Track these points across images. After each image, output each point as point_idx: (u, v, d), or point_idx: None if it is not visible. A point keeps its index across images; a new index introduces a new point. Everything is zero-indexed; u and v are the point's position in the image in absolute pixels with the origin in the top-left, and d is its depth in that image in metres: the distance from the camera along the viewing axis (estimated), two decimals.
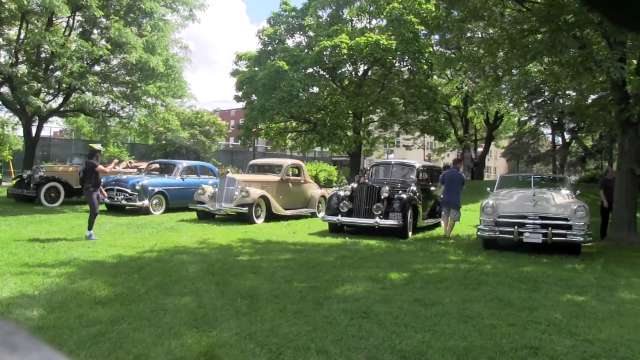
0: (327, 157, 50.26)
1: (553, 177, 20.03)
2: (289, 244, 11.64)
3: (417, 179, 14.87)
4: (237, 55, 33.71)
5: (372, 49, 27.43)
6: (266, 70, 29.04)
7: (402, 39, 28.21)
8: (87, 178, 11.37)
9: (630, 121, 13.12)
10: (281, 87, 28.22)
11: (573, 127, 34.97)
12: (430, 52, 29.49)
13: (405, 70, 31.92)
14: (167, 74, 21.97)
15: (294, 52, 30.29)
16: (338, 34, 29.07)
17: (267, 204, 15.94)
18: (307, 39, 32.97)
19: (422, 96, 29.60)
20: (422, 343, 4.97)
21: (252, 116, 30.07)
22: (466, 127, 40.69)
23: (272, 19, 33.34)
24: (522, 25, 13.75)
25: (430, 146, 56.96)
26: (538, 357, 4.71)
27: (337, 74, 31.24)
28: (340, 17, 33.35)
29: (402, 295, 6.87)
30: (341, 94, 30.03)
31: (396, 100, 30.69)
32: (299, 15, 33.02)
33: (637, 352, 4.96)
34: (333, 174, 34.71)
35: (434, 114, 31.08)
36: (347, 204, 13.70)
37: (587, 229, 10.89)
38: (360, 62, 30.35)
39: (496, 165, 77.34)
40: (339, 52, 27.86)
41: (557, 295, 7.29)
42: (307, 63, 29.19)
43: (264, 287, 7.14)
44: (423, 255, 10.73)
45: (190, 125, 42.10)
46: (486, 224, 11.39)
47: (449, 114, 39.15)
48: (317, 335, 5.12)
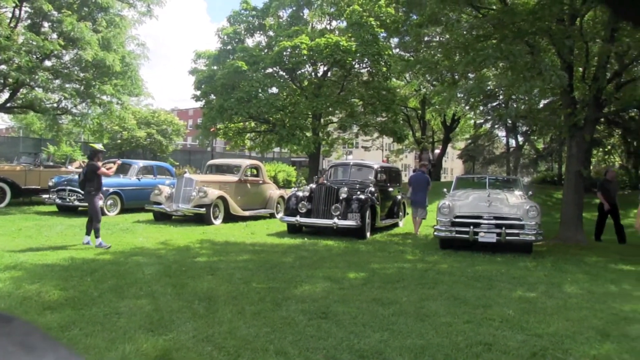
0: (286, 157, 50.22)
1: (507, 179, 20.41)
2: (247, 244, 11.60)
3: (376, 180, 14.99)
4: (196, 54, 33.39)
5: (332, 50, 27.55)
6: (225, 69, 28.88)
7: (361, 41, 28.40)
8: (89, 181, 10.59)
9: (578, 125, 13.51)
10: (240, 87, 28.11)
11: (526, 130, 35.74)
12: (389, 54, 29.80)
13: (364, 72, 32.16)
14: (124, 71, 21.54)
15: (254, 52, 30.20)
16: (298, 34, 29.10)
17: (225, 205, 15.83)
18: (267, 39, 32.91)
19: (381, 98, 29.86)
20: (380, 342, 5.02)
21: (211, 116, 29.86)
22: (424, 129, 41.18)
23: (232, 18, 33.15)
24: (478, 31, 14.00)
25: (389, 147, 57.41)
26: (492, 353, 4.82)
27: (296, 75, 31.27)
28: (301, 18, 33.41)
29: (361, 295, 6.92)
30: (300, 94, 30.07)
31: (355, 102, 30.89)
32: (260, 15, 32.95)
33: (579, 344, 5.17)
34: (292, 174, 34.72)
35: (392, 115, 31.40)
36: (306, 205, 13.72)
37: (539, 228, 11.19)
38: (320, 63, 30.45)
39: (453, 167, 78.40)
40: (298, 53, 27.89)
41: (510, 292, 7.48)
42: (266, 63, 29.13)
43: (221, 288, 7.09)
44: (381, 255, 10.83)
45: (147, 124, 41.41)
46: (443, 224, 11.57)
47: (407, 116, 39.57)
48: (276, 336, 5.12)
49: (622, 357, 4.88)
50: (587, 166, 15.29)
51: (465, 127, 44.53)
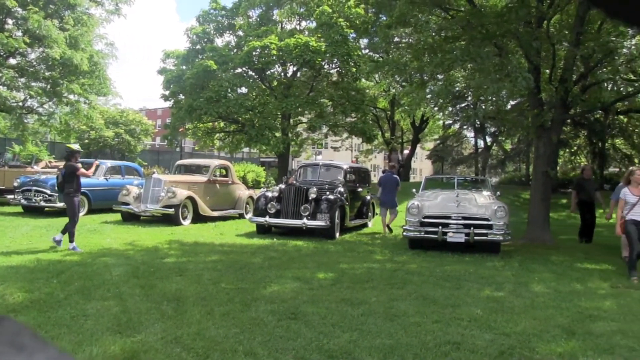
0: (255, 158, 50.04)
1: (475, 179, 20.69)
2: (216, 245, 11.52)
3: (345, 180, 15.01)
4: (165, 53, 33.02)
5: (301, 51, 27.51)
6: (194, 69, 28.64)
7: (331, 42, 28.41)
8: (68, 182, 10.32)
9: (545, 126, 13.72)
10: (209, 86, 27.92)
11: (494, 131, 36.27)
12: (358, 55, 29.87)
13: (334, 73, 32.18)
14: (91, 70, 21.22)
15: (223, 52, 30.02)
16: (268, 34, 29.00)
17: (194, 205, 15.71)
18: (237, 38, 32.73)
19: (350, 98, 29.90)
20: (350, 342, 5.03)
21: (180, 116, 29.59)
22: (393, 129, 41.38)
23: (201, 17, 32.88)
24: (447, 33, 14.12)
25: (358, 148, 57.60)
26: (460, 352, 4.87)
27: (266, 75, 31.16)
28: (270, 18, 33.30)
29: (330, 296, 6.92)
30: (270, 94, 29.98)
31: (325, 102, 30.90)
32: (229, 15, 32.75)
33: (546, 342, 5.27)
34: (261, 174, 34.58)
35: (361, 116, 31.49)
36: (275, 205, 13.69)
37: (506, 228, 11.33)
38: (289, 63, 30.37)
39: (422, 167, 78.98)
40: (268, 53, 27.79)
41: (478, 292, 7.56)
42: (236, 63, 28.97)
43: (190, 289, 7.03)
44: (350, 255, 10.85)
45: (115, 124, 40.93)
46: (411, 225, 11.62)
47: (376, 116, 39.69)
48: (245, 337, 5.09)
49: (587, 354, 4.96)
50: (554, 167, 15.53)
51: (434, 128, 44.86)
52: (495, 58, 12.69)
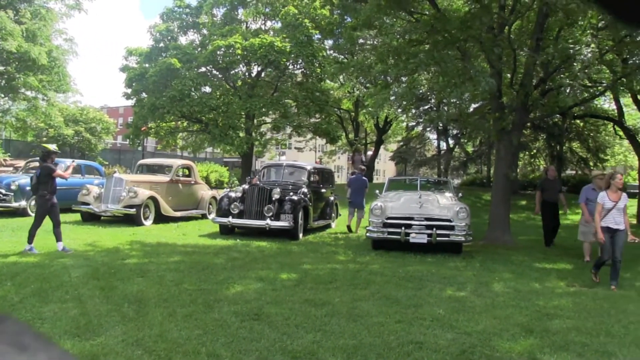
0: (219, 158, 49.74)
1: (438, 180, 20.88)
2: (178, 246, 11.41)
3: (309, 181, 15.03)
4: (127, 50, 32.57)
5: (266, 51, 27.48)
6: (157, 67, 28.36)
7: (296, 42, 28.44)
8: (43, 184, 9.95)
9: (506, 129, 13.96)
10: (173, 85, 27.68)
11: (456, 134, 36.74)
12: (323, 56, 29.96)
13: (298, 73, 32.22)
14: (50, 66, 20.77)
15: (187, 50, 29.80)
16: (232, 34, 28.89)
17: (156, 205, 15.53)
18: (201, 37, 32.53)
19: (314, 99, 29.98)
20: (313, 343, 5.04)
21: (142, 114, 29.27)
22: (357, 130, 41.59)
23: (165, 15, 32.56)
24: (411, 36, 14.25)
25: (322, 149, 57.71)
26: (423, 351, 4.92)
27: (230, 74, 31.04)
28: (235, 17, 33.17)
29: (293, 296, 6.92)
30: (234, 94, 29.83)
31: (289, 103, 30.90)
32: (193, 13, 32.50)
33: (506, 340, 5.38)
34: (224, 175, 34.35)
35: (325, 116, 31.60)
36: (238, 206, 13.62)
37: (468, 229, 11.50)
38: (254, 63, 30.32)
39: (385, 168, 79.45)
40: (232, 53, 27.70)
41: (440, 292, 7.66)
42: (200, 62, 28.80)
43: (152, 290, 6.95)
44: (313, 256, 10.86)
45: (74, 121, 40.10)
46: (375, 225, 11.69)
47: (340, 117, 39.85)
48: (208, 338, 5.06)
49: (544, 350, 5.09)
50: (514, 169, 15.81)
51: (397, 130, 45.23)
52: (459, 62, 12.85)
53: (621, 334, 5.76)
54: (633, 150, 26.61)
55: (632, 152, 28.79)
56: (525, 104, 14.21)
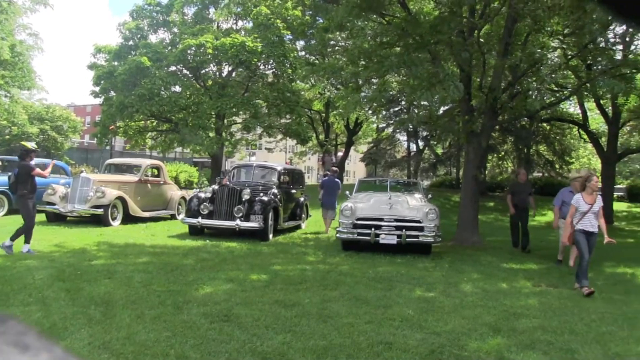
0: (188, 158, 49.39)
1: (407, 182, 21.09)
2: (147, 246, 11.29)
3: (279, 182, 15.01)
4: (96, 48, 32.07)
5: (237, 51, 27.36)
6: (127, 65, 28.03)
7: (267, 42, 28.38)
8: (22, 183, 9.66)
9: (475, 132, 14.14)
10: (142, 84, 27.38)
11: (426, 135, 37.10)
12: (294, 56, 29.93)
13: (269, 73, 32.16)
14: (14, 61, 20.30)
15: (157, 49, 29.50)
16: (203, 33, 28.71)
17: (125, 205, 15.35)
18: (172, 36, 32.24)
19: (285, 99, 29.93)
20: (283, 344, 5.03)
21: (110, 113, 28.90)
22: (327, 131, 41.65)
23: (135, 13, 32.16)
24: (382, 38, 14.33)
25: (292, 149, 57.67)
26: (392, 352, 4.95)
27: (200, 74, 30.85)
28: (206, 17, 32.97)
29: (263, 297, 6.90)
30: (204, 94, 29.64)
31: (260, 103, 30.81)
32: (164, 11, 32.17)
33: (474, 339, 5.45)
34: (194, 175, 34.19)
35: (296, 117, 31.57)
36: (208, 206, 13.54)
37: (437, 230, 11.61)
38: (225, 63, 30.18)
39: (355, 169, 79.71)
40: (203, 52, 27.52)
41: (410, 292, 7.72)
42: (170, 61, 28.53)
43: (119, 292, 6.86)
44: (283, 257, 10.85)
45: (40, 120, 39.39)
46: (345, 226, 11.72)
47: (311, 118, 39.86)
48: (177, 340, 5.01)
49: (511, 349, 5.17)
50: (483, 171, 16.00)
51: (367, 131, 45.42)
52: (429, 65, 12.96)
53: (584, 332, 5.90)
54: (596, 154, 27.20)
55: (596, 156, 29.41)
56: (494, 107, 14.40)
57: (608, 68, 13.52)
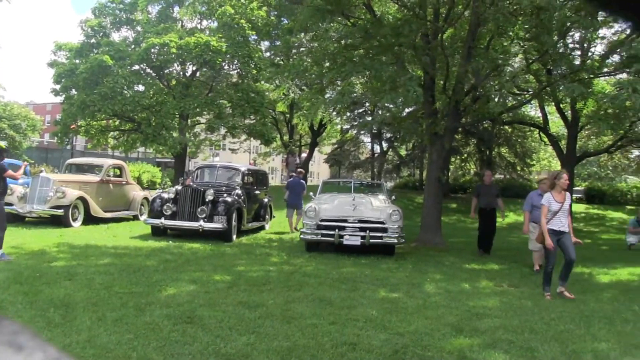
0: (151, 158, 48.76)
1: (371, 183, 21.21)
2: (109, 248, 11.12)
3: (243, 183, 14.95)
4: (57, 45, 31.48)
5: (201, 50, 27.19)
6: (88, 63, 27.58)
7: (232, 42, 28.27)
8: None
9: (438, 134, 14.30)
10: (104, 82, 26.99)
11: (390, 137, 37.33)
12: (259, 57, 29.86)
13: (234, 74, 32.01)
14: None
15: (120, 47, 29.12)
16: (167, 32, 28.44)
17: (86, 206, 15.08)
18: (135, 34, 31.85)
19: (249, 100, 29.83)
20: (247, 345, 5.01)
21: (71, 112, 28.42)
22: (291, 132, 41.62)
23: (97, 10, 31.63)
24: (346, 41, 14.40)
25: (256, 150, 57.48)
26: (356, 352, 4.97)
27: (164, 73, 30.57)
28: (171, 15, 32.67)
29: (227, 299, 6.86)
30: (168, 94, 29.38)
31: (224, 103, 30.65)
32: (127, 9, 31.74)
33: (437, 340, 5.50)
34: (157, 175, 33.75)
35: (260, 118, 31.49)
36: (171, 207, 13.40)
37: (401, 231, 11.70)
38: (189, 62, 29.96)
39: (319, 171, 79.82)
40: (167, 51, 27.27)
41: (374, 293, 7.76)
42: (133, 59, 28.18)
43: (80, 294, 6.74)
44: (247, 258, 10.81)
45: None
46: (308, 227, 11.73)
47: (275, 119, 39.79)
48: (139, 343, 4.95)
49: (473, 349, 5.24)
50: (446, 172, 16.19)
51: (332, 132, 45.51)
52: (392, 68, 13.05)
53: (543, 331, 6.02)
54: (556, 156, 27.76)
55: (556, 158, 30.00)
56: (457, 110, 14.59)
57: (567, 73, 13.81)
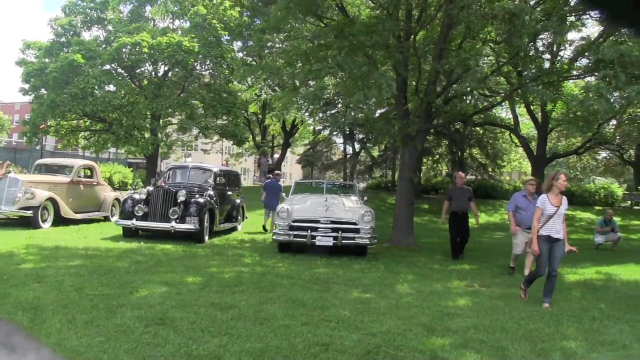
0: (123, 158, 48.22)
1: (344, 184, 21.28)
2: (79, 249, 10.97)
3: (215, 183, 14.90)
4: (25, 44, 30.91)
5: (173, 50, 26.99)
6: (59, 62, 27.17)
7: (204, 43, 28.12)
8: None
9: (410, 135, 14.41)
10: (75, 82, 26.63)
11: (362, 138, 37.51)
12: (232, 57, 29.75)
13: (206, 74, 31.86)
14: None
15: (91, 47, 28.72)
16: (139, 31, 28.14)
17: (56, 207, 14.87)
18: (106, 33, 31.44)
19: (222, 101, 29.69)
20: (219, 347, 4.99)
21: (41, 111, 27.97)
22: (264, 133, 41.55)
23: (67, 8, 31.16)
24: (319, 40, 14.43)
25: (229, 151, 57.25)
26: (329, 353, 4.98)
27: (136, 73, 30.28)
28: (142, 15, 32.34)
29: (199, 300, 6.83)
30: (140, 94, 29.08)
31: (196, 104, 30.48)
32: (98, 8, 31.30)
33: (409, 339, 5.53)
34: (128, 176, 33.39)
35: (233, 118, 31.35)
36: (143, 208, 13.29)
37: (373, 232, 11.77)
38: (161, 62, 29.71)
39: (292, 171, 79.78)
40: (139, 51, 27.00)
41: (346, 294, 7.78)
42: (104, 59, 27.84)
43: (50, 297, 6.64)
44: (219, 259, 10.77)
45: None
46: (281, 228, 11.73)
47: (247, 120, 39.67)
48: (110, 345, 4.89)
49: (445, 349, 5.29)
50: (418, 173, 16.32)
51: (304, 133, 45.54)
52: (364, 67, 13.12)
53: (514, 329, 6.09)
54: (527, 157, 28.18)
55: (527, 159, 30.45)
56: (429, 111, 14.72)
57: (537, 75, 14.02)
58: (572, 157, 37.30)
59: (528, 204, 9.98)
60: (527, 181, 11.07)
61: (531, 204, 9.61)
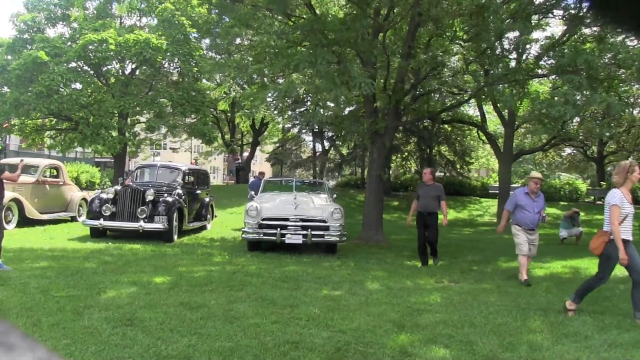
0: (90, 158, 47.59)
1: (313, 182, 21.29)
2: (45, 250, 10.79)
3: (184, 182, 14.79)
4: None
5: (141, 48, 26.69)
6: (22, 60, 26.62)
7: (172, 40, 27.89)
8: None
9: (379, 133, 14.49)
10: (39, 80, 26.14)
11: (332, 136, 37.61)
12: (200, 55, 29.55)
13: (174, 72, 31.58)
14: None
15: (56, 44, 28.20)
16: (105, 28, 27.76)
17: (20, 208, 14.60)
18: (71, 30, 30.89)
19: (190, 99, 29.49)
20: (189, 347, 4.96)
21: (4, 110, 27.39)
22: (233, 131, 41.41)
23: (29, 4, 30.60)
24: (288, 37, 14.42)
25: (198, 149, 56.92)
26: (299, 351, 4.98)
27: (102, 71, 29.88)
28: (109, 12, 31.87)
29: (168, 300, 6.78)
30: (107, 92, 28.71)
31: (164, 102, 30.20)
32: (63, 5, 30.78)
33: (379, 336, 5.57)
34: (96, 175, 32.99)
35: (202, 117, 31.15)
36: (110, 207, 13.13)
37: (343, 229, 11.80)
38: (128, 60, 29.36)
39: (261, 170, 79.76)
40: (105, 48, 26.63)
41: (316, 291, 7.78)
42: (70, 56, 27.39)
43: (14, 300, 6.50)
44: (189, 258, 10.70)
45: None
46: (250, 227, 11.68)
47: (216, 118, 39.49)
48: (77, 347, 4.82)
49: (414, 345, 5.32)
50: (387, 171, 16.40)
51: (273, 131, 45.52)
52: (334, 65, 13.14)
53: (482, 324, 6.16)
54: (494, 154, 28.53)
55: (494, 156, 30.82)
56: (398, 109, 14.81)
57: (504, 74, 14.20)
58: (538, 154, 37.87)
59: (531, 203, 9.18)
60: (532, 178, 9.57)
61: (534, 203, 9.18)
